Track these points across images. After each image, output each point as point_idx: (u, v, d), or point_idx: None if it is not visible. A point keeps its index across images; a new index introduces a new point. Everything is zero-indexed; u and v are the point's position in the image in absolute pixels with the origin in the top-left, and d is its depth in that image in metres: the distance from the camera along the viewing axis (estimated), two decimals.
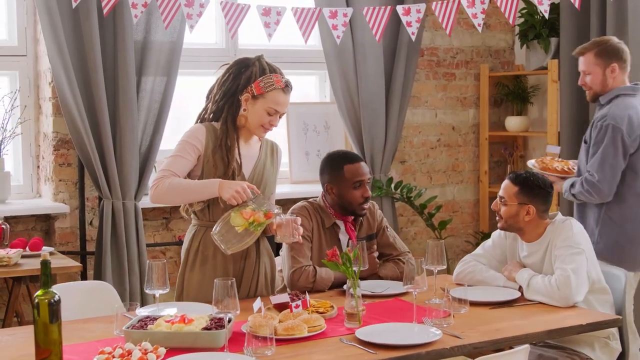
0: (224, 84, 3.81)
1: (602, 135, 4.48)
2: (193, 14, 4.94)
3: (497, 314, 3.54)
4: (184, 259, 3.85)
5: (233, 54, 6.07)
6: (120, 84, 5.29)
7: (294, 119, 6.32)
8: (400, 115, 6.20)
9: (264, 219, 3.65)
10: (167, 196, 3.70)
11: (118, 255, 5.34)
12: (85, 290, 3.91)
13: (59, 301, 2.85)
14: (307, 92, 6.59)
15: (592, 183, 4.46)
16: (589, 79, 4.67)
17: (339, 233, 4.11)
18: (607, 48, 4.64)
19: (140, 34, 5.40)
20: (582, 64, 4.71)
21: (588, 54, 4.68)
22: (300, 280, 3.91)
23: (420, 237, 6.52)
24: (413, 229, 6.53)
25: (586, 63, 4.69)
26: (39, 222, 5.46)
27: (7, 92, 5.42)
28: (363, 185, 4.06)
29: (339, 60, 6.01)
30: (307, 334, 3.17)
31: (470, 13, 5.10)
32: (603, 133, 4.48)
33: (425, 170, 6.57)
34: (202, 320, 3.14)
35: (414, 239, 6.50)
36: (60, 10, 5.10)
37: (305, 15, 5.12)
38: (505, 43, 6.78)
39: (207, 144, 3.75)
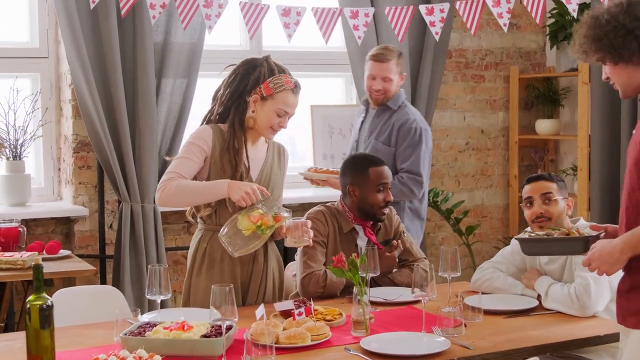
0: (230, 85, 3.73)
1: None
2: (212, 15, 4.91)
3: (512, 324, 3.40)
4: (190, 264, 3.77)
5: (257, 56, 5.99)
6: (140, 85, 5.24)
7: (319, 122, 6.23)
8: (426, 118, 6.04)
9: (273, 222, 3.56)
10: (175, 198, 3.62)
11: (137, 259, 5.29)
12: (93, 294, 3.86)
13: (52, 306, 2.79)
14: (333, 94, 6.49)
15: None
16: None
17: (356, 238, 4.00)
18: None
19: (160, 36, 5.35)
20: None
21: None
22: (311, 285, 3.81)
23: (448, 242, 6.38)
24: (440, 234, 6.40)
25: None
26: (59, 225, 5.42)
27: (28, 94, 5.39)
28: (386, 189, 3.97)
29: (364, 62, 5.89)
30: (311, 342, 3.07)
31: (496, 13, 4.99)
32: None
33: (453, 174, 6.44)
34: (203, 327, 3.05)
35: (442, 245, 6.35)
36: (78, 10, 5.06)
37: (326, 15, 5.05)
38: (536, 44, 6.62)
39: (214, 146, 3.67)
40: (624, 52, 2.80)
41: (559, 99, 6.44)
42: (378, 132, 4.90)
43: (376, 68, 4.84)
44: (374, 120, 4.94)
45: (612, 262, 2.73)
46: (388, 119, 4.89)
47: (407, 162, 4.81)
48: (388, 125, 4.88)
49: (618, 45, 2.80)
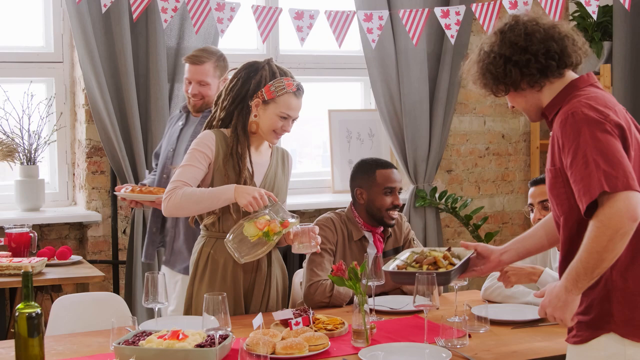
0: (232, 89, 3.66)
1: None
2: (224, 19, 4.86)
3: (519, 335, 3.30)
4: (192, 271, 3.70)
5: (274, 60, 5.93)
6: (152, 90, 5.21)
7: (337, 127, 6.16)
8: (445, 122, 5.98)
9: (280, 228, 3.48)
10: (182, 207, 3.55)
11: (149, 266, 5.24)
12: (94, 301, 3.81)
13: (41, 315, 2.75)
14: (351, 99, 6.41)
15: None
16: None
17: (366, 247, 3.93)
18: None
19: (173, 40, 5.31)
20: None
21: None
22: (317, 295, 3.74)
23: None
24: (460, 240, 6.29)
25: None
26: (73, 230, 5.40)
27: (43, 99, 5.38)
28: (394, 193, 3.91)
29: (381, 66, 5.83)
30: (308, 353, 2.99)
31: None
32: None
33: (473, 179, 6.33)
34: (198, 336, 2.99)
35: None
36: (91, 14, 5.05)
37: (339, 18, 4.97)
38: None
39: (218, 151, 3.60)
40: (507, 80, 2.73)
41: None
42: None
43: (192, 71, 4.39)
44: (198, 128, 4.32)
45: (562, 306, 2.57)
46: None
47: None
48: None
49: (500, 76, 2.73)
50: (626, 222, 2.41)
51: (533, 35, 2.69)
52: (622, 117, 2.60)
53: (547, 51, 2.68)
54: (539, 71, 2.70)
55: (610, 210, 2.42)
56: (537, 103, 2.79)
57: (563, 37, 2.72)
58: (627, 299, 2.57)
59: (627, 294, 2.57)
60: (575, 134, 2.52)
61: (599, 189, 2.43)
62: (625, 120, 2.61)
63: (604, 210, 2.44)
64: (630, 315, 2.56)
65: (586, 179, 2.47)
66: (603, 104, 2.59)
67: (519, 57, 2.70)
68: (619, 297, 2.57)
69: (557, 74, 2.71)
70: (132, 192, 4.36)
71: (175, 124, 4.58)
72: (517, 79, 2.72)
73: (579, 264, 2.50)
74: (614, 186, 2.43)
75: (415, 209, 5.92)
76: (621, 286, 2.57)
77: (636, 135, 2.65)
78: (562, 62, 2.71)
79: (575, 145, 2.51)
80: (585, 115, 2.53)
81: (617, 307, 2.57)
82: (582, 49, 2.77)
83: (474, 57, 2.83)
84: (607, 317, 2.58)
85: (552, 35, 2.70)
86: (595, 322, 2.60)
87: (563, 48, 2.70)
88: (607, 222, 2.42)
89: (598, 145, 2.48)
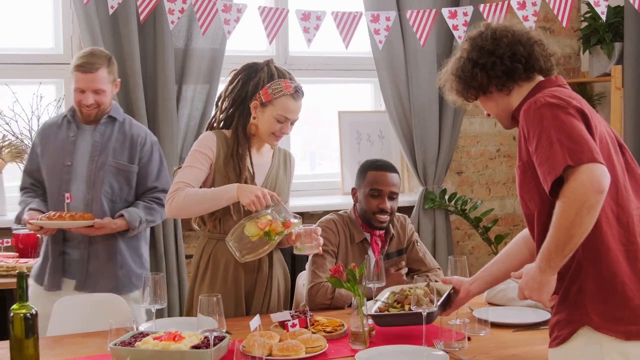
0: (232, 91, 3.66)
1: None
2: (230, 20, 4.85)
3: (519, 338, 3.28)
4: (194, 271, 3.70)
5: (283, 62, 5.94)
6: (160, 91, 5.20)
7: (346, 128, 6.14)
8: (454, 124, 5.95)
9: (282, 228, 3.47)
10: (184, 208, 3.54)
11: (157, 267, 5.24)
12: (95, 302, 3.80)
13: (36, 315, 2.76)
14: (362, 100, 6.39)
15: None
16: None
17: (368, 249, 3.90)
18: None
19: (181, 41, 5.31)
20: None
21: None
22: (318, 296, 3.73)
23: (478, 251, 6.24)
24: (470, 243, 6.26)
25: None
26: None
27: (52, 100, 5.39)
28: (382, 196, 3.86)
29: (390, 67, 5.81)
30: (304, 355, 2.98)
31: (521, 15, 4.86)
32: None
33: (483, 181, 6.29)
34: (195, 337, 2.98)
35: (472, 254, 6.22)
36: (98, 15, 5.05)
37: (346, 19, 4.95)
38: (571, 49, 6.45)
39: (218, 152, 3.59)
40: (474, 84, 2.77)
41: (593, 104, 6.25)
42: (112, 150, 4.05)
43: (85, 80, 4.00)
44: (98, 139, 4.05)
45: (538, 287, 2.56)
46: (119, 134, 4.09)
47: (160, 179, 4.16)
48: (122, 141, 4.08)
49: (468, 79, 2.78)
50: (591, 194, 2.38)
51: (500, 40, 2.75)
52: (586, 108, 2.59)
53: (513, 54, 2.72)
54: (504, 74, 2.73)
55: (574, 184, 2.40)
56: (507, 107, 2.81)
57: (532, 43, 2.75)
58: (600, 291, 2.53)
59: (600, 285, 2.53)
60: (539, 119, 2.53)
61: (563, 164, 2.42)
62: (591, 113, 2.59)
63: (568, 185, 2.41)
64: (603, 308, 2.53)
65: (551, 159, 2.46)
66: (567, 95, 2.60)
67: (485, 60, 2.75)
68: (592, 289, 2.54)
69: (524, 77, 2.75)
70: (61, 218, 3.86)
71: (58, 135, 4.12)
72: (484, 82, 2.77)
73: (550, 242, 2.48)
74: (577, 159, 2.41)
75: (424, 211, 5.89)
76: (594, 275, 2.54)
77: (606, 138, 2.63)
78: (530, 66, 2.74)
79: (539, 129, 2.52)
80: (547, 101, 2.54)
81: (590, 299, 2.54)
82: (552, 56, 2.80)
83: (447, 66, 2.88)
84: (581, 309, 2.54)
85: (519, 40, 2.74)
86: (571, 317, 2.57)
87: (530, 52, 2.74)
88: (572, 196, 2.40)
89: (561, 125, 2.48)
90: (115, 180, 4.02)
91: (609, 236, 2.54)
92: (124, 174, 4.05)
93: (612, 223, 2.54)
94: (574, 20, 6.35)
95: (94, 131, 4.07)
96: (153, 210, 4.06)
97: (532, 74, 2.73)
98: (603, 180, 2.39)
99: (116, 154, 4.05)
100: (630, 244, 2.55)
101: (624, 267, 2.52)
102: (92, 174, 4.01)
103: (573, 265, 2.56)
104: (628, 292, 2.51)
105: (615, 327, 2.51)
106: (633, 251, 2.54)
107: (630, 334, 2.50)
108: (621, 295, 2.52)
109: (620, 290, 2.52)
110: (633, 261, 2.54)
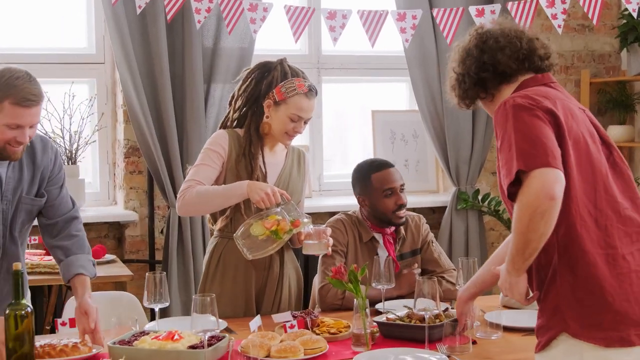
0: (245, 90, 3.64)
1: None
2: (257, 19, 4.84)
3: (528, 342, 3.17)
4: (204, 271, 3.70)
5: (316, 61, 5.93)
6: (188, 91, 5.23)
7: (380, 128, 6.10)
8: (488, 124, 5.86)
9: (291, 227, 3.44)
10: (195, 205, 3.54)
11: (184, 265, 5.27)
12: (109, 300, 3.82)
13: (32, 313, 2.77)
14: (396, 99, 6.34)
15: None
16: None
17: (377, 248, 3.86)
18: None
19: (210, 40, 5.33)
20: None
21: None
22: (329, 297, 3.69)
23: None
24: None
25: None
26: (112, 230, 5.46)
27: (84, 99, 5.45)
28: (395, 193, 3.80)
29: (422, 65, 5.75)
30: (303, 356, 2.94)
31: (550, 14, 4.77)
32: None
33: None
34: (194, 337, 2.97)
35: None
36: (127, 15, 5.08)
37: (372, 18, 4.91)
38: (611, 47, 6.31)
39: (230, 151, 3.58)
40: (457, 93, 2.78)
41: (632, 104, 6.12)
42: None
43: (28, 115, 2.96)
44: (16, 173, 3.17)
45: (509, 287, 2.53)
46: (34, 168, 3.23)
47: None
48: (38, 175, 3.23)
49: (452, 90, 2.80)
50: (542, 200, 2.32)
51: (470, 50, 2.72)
52: (562, 108, 2.51)
53: (480, 65, 2.69)
54: (475, 84, 2.72)
55: (527, 189, 2.36)
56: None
57: (500, 47, 2.69)
58: (577, 296, 2.46)
59: (576, 290, 2.46)
60: (504, 120, 2.48)
61: (516, 168, 2.37)
62: (565, 113, 2.51)
63: (522, 190, 2.37)
64: (581, 313, 2.46)
65: (508, 162, 2.41)
66: (542, 94, 2.53)
67: (459, 72, 2.76)
68: (569, 295, 2.47)
69: (499, 82, 2.69)
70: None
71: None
72: (461, 93, 2.77)
73: (512, 246, 2.45)
74: (530, 164, 2.36)
75: (456, 212, 5.82)
76: (570, 281, 2.47)
77: (585, 138, 2.55)
78: (500, 72, 2.68)
79: (503, 130, 2.48)
80: (515, 102, 2.49)
81: (566, 305, 2.47)
82: (534, 53, 2.70)
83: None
84: (559, 316, 2.48)
85: (482, 49, 2.70)
86: (549, 324, 2.52)
87: (496, 58, 2.68)
88: (525, 202, 2.35)
89: (522, 127, 2.43)
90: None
91: (585, 240, 2.47)
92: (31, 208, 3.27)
93: (590, 226, 2.47)
94: (613, 17, 6.22)
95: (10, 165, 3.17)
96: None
97: (512, 77, 2.67)
98: (555, 186, 2.34)
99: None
100: (609, 247, 2.47)
101: (603, 271, 2.45)
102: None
103: (550, 270, 2.50)
104: (607, 296, 2.44)
105: (594, 334, 2.45)
106: (612, 255, 2.47)
107: (610, 340, 2.42)
108: (600, 300, 2.45)
109: (598, 295, 2.45)
110: (612, 265, 2.46)
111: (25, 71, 2.99)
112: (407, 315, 3.26)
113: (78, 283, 3.20)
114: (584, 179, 2.49)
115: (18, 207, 3.19)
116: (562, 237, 2.44)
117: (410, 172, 6.12)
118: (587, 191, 2.43)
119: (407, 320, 3.23)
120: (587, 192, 2.45)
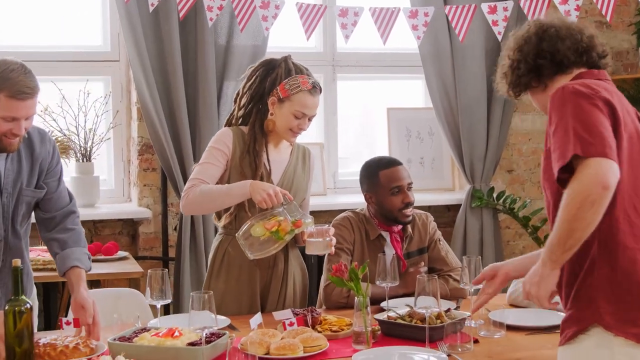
0: (250, 87, 3.64)
1: None
2: (268, 16, 4.85)
3: (531, 341, 3.17)
4: (209, 269, 3.71)
5: (331, 58, 5.92)
6: (201, 88, 5.24)
7: (395, 125, 6.08)
8: (503, 121, 5.83)
9: (292, 228, 3.44)
10: (199, 204, 3.55)
11: (197, 262, 5.28)
12: (114, 297, 3.84)
13: (30, 309, 2.78)
14: (412, 97, 6.31)
15: None
16: None
17: (384, 246, 3.84)
18: None
19: (223, 38, 5.33)
20: None
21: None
22: (334, 295, 3.69)
23: (529, 251, 6.07)
24: (521, 242, 6.13)
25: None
26: (126, 227, 5.48)
27: (99, 97, 5.47)
28: (403, 191, 3.78)
29: (437, 62, 5.73)
30: (302, 354, 2.94)
31: (563, 10, 4.74)
32: None
33: (535, 180, 6.15)
34: (194, 335, 2.97)
35: (522, 253, 6.07)
36: (140, 12, 5.10)
37: (384, 15, 4.90)
38: (629, 44, 6.24)
39: (235, 149, 3.59)
40: (509, 80, 2.76)
41: None
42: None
43: (24, 107, 2.95)
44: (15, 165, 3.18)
45: (538, 281, 2.46)
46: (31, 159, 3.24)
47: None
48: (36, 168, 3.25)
49: (504, 77, 2.79)
50: (595, 189, 2.28)
51: (529, 38, 2.70)
52: (618, 102, 2.48)
53: (538, 52, 2.67)
54: (529, 71, 2.68)
55: (580, 176, 2.32)
56: (546, 102, 2.70)
57: (561, 37, 2.66)
58: (614, 291, 2.42)
59: (614, 285, 2.42)
60: (562, 105, 2.44)
61: (572, 152, 2.33)
62: (622, 108, 2.48)
63: (575, 177, 2.33)
64: (616, 308, 2.42)
65: (563, 146, 2.37)
66: (602, 87, 2.50)
67: (514, 59, 2.72)
68: (606, 288, 2.43)
69: (554, 72, 2.66)
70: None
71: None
72: (514, 80, 2.74)
73: (554, 235, 2.39)
74: (587, 151, 2.32)
75: (471, 210, 5.79)
76: (608, 274, 2.43)
77: (638, 133, 2.53)
78: (557, 61, 2.65)
79: (560, 114, 2.44)
80: (574, 88, 2.45)
81: (603, 298, 2.43)
82: (593, 48, 2.68)
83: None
84: (593, 307, 2.44)
85: (542, 37, 2.68)
86: (581, 315, 2.47)
87: (556, 47, 2.65)
88: (576, 188, 2.31)
89: (581, 114, 2.39)
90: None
91: (627, 235, 2.43)
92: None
93: (634, 221, 2.44)
94: (631, 14, 6.16)
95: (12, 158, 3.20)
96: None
97: (568, 69, 2.65)
98: (609, 176, 2.30)
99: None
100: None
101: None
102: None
103: (587, 262, 2.46)
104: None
105: (628, 329, 2.41)
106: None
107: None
108: (637, 298, 2.42)
109: (635, 292, 2.42)
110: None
111: (21, 63, 2.97)
112: (408, 314, 3.25)
113: (73, 276, 3.19)
114: (634, 175, 2.47)
115: (19, 200, 3.18)
116: (604, 230, 2.40)
117: (425, 169, 6.10)
118: (635, 187, 2.41)
119: (408, 319, 3.22)
120: (636, 188, 2.42)
